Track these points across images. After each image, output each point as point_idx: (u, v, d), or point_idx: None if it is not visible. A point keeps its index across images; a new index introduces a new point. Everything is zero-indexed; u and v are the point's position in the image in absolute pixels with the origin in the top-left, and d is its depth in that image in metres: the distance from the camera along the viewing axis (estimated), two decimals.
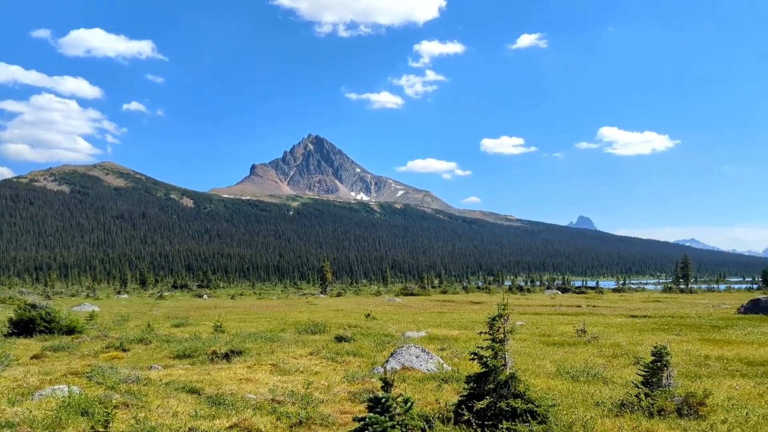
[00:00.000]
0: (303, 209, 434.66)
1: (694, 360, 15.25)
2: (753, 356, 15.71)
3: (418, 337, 20.48)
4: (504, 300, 9.20)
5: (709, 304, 44.42)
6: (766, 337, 20.04)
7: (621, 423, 8.81)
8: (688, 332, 22.21)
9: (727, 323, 25.86)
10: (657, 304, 46.39)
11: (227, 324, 25.82)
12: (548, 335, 21.66)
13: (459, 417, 8.42)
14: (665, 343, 10.60)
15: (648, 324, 26.21)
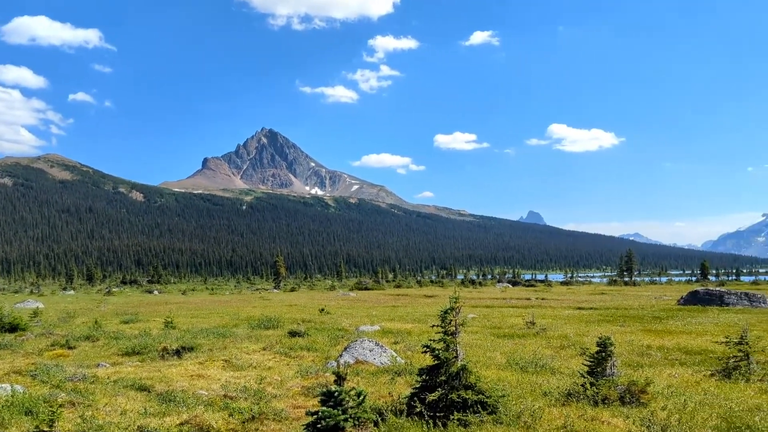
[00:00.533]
0: (256, 203, 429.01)
1: (637, 350, 15.84)
2: (691, 345, 16.44)
3: (372, 331, 20.59)
4: (456, 293, 9.38)
5: (651, 296, 46.12)
6: (704, 327, 20.98)
7: (567, 412, 9.10)
8: (631, 323, 23.03)
9: (668, 314, 26.92)
10: (603, 296, 47.87)
11: (178, 320, 25.38)
12: (499, 327, 22.11)
13: (412, 409, 8.56)
14: (609, 334, 10.97)
15: (594, 316, 27.04)
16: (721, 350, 13.61)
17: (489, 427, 8.19)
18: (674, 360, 14.30)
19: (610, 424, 8.55)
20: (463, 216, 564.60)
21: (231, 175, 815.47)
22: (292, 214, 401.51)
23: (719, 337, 13.83)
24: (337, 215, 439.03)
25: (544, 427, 8.15)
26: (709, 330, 19.90)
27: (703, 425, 8.48)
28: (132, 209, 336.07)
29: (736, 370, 11.89)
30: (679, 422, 8.23)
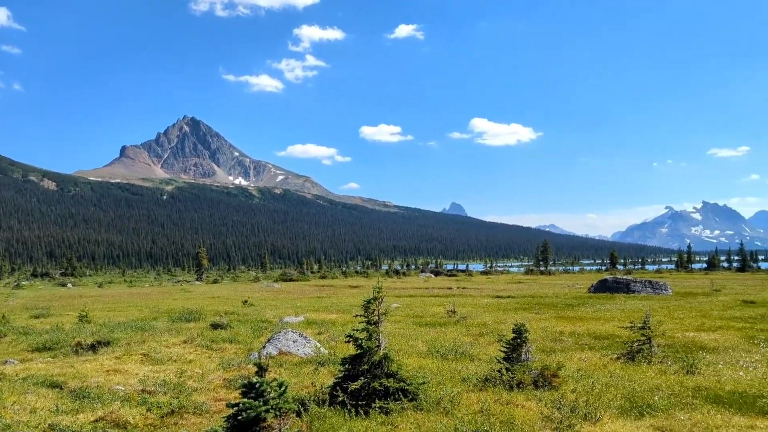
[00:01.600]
0: (178, 193, 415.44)
1: (551, 336, 16.61)
2: (600, 331, 17.40)
3: (297, 322, 20.55)
4: (379, 284, 9.53)
5: (564, 284, 48.27)
6: (611, 314, 22.23)
7: (484, 396, 9.46)
8: (546, 310, 24.07)
9: (580, 302, 28.32)
10: (520, 285, 49.66)
11: (94, 314, 24.37)
12: (421, 316, 22.57)
13: (334, 398, 8.67)
14: (524, 322, 11.46)
15: (511, 304, 28.05)
16: (626, 335, 14.47)
17: (410, 414, 8.41)
18: (584, 345, 15.10)
19: (524, 407, 8.97)
20: (388, 207, 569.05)
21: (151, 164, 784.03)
22: (216, 204, 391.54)
23: (625, 323, 14.71)
24: (261, 206, 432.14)
25: (462, 412, 8.43)
26: (616, 316, 21.11)
27: (609, 405, 9.05)
28: (44, 198, 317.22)
29: (639, 353, 12.71)
30: (587, 403, 8.73)
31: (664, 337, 15.05)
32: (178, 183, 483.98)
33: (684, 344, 14.77)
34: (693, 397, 9.54)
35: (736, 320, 19.62)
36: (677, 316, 21.14)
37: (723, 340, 15.31)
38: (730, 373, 11.34)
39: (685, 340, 15.37)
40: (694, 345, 14.65)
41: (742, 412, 8.77)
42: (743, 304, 25.64)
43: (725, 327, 17.96)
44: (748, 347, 14.31)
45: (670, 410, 8.84)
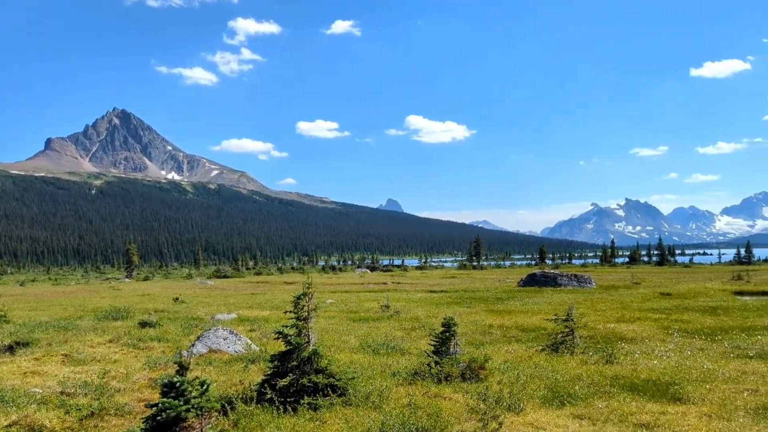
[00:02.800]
0: (107, 188, 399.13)
1: (480, 329, 17.01)
2: (527, 323, 17.96)
3: (229, 320, 20.24)
4: (309, 279, 9.50)
5: (496, 278, 49.51)
6: (539, 307, 22.98)
7: (413, 390, 9.61)
8: (477, 304, 24.62)
9: (509, 295, 29.11)
10: (453, 279, 50.56)
11: (14, 313, 23.14)
12: (355, 312, 22.65)
13: (262, 396, 8.59)
14: (454, 315, 11.70)
15: (444, 298, 28.53)
16: (551, 327, 14.98)
17: (338, 409, 8.44)
18: (512, 337, 15.55)
19: (451, 400, 9.16)
20: (326, 203, 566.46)
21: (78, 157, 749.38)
22: (147, 199, 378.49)
23: (551, 316, 15.21)
24: (195, 201, 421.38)
25: (390, 406, 8.53)
26: (543, 309, 21.83)
27: (532, 396, 9.36)
28: None
29: (562, 345, 13.19)
30: (511, 394, 9.00)
31: (586, 329, 15.67)
32: (108, 177, 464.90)
33: (605, 335, 15.44)
34: (611, 386, 9.98)
35: (653, 312, 20.67)
36: (600, 308, 22.08)
37: (641, 331, 16.11)
38: (645, 362, 11.94)
39: (606, 331, 16.08)
40: (614, 336, 15.34)
41: (656, 399, 9.24)
42: (660, 296, 27.04)
43: (643, 318, 18.89)
44: (663, 337, 15.12)
45: (590, 399, 9.22)
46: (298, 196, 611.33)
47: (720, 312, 20.23)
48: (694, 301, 24.51)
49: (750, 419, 8.00)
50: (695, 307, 21.97)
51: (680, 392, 9.49)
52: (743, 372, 10.81)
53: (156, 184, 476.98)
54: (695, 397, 9.21)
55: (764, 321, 17.70)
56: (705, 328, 16.52)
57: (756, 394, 9.27)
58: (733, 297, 27.16)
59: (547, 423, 8.05)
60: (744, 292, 30.90)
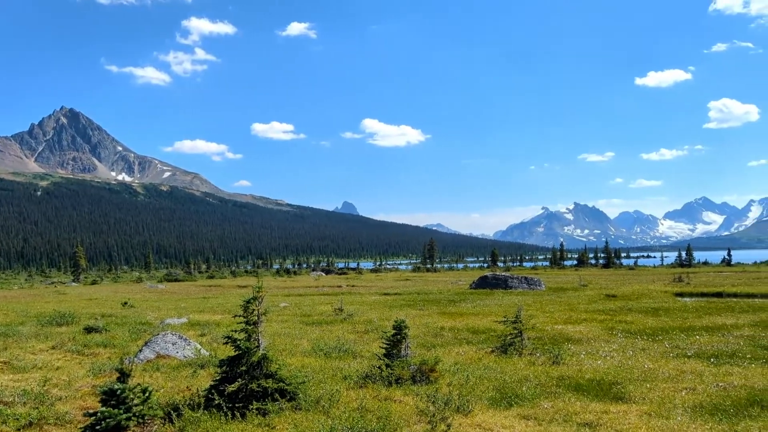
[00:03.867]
0: (54, 189, 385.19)
1: (432, 331, 17.16)
2: (477, 325, 18.22)
3: (179, 324, 19.87)
4: (259, 283, 9.42)
5: (449, 281, 50.04)
6: (489, 309, 23.34)
7: (364, 393, 9.61)
8: (429, 307, 24.84)
9: (461, 297, 29.48)
10: (407, 282, 50.85)
11: None
12: (309, 315, 22.54)
13: (210, 402, 8.45)
14: (406, 318, 11.78)
15: (398, 301, 28.67)
16: (501, 329, 15.21)
17: (288, 414, 8.38)
18: (462, 339, 15.74)
19: (401, 402, 9.21)
20: (281, 205, 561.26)
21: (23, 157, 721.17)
22: (96, 201, 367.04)
23: (501, 317, 15.48)
24: (146, 203, 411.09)
25: (340, 410, 8.52)
26: (494, 311, 22.19)
27: (481, 397, 9.49)
28: None
29: (511, 346, 13.44)
30: (460, 396, 9.11)
31: (535, 330, 16.00)
32: (55, 178, 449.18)
33: (552, 336, 15.81)
34: (557, 386, 10.21)
35: (599, 313, 21.27)
36: (548, 309, 22.57)
37: (587, 332, 16.55)
38: (590, 362, 12.27)
39: (553, 333, 16.46)
40: (562, 337, 15.72)
41: (599, 398, 9.51)
42: (606, 298, 27.84)
43: (589, 319, 19.42)
44: (608, 338, 15.57)
45: (536, 399, 9.41)
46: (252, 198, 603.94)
47: (661, 313, 20.97)
48: (638, 302, 25.34)
49: (688, 417, 8.30)
50: (638, 308, 22.71)
51: (622, 391, 9.78)
52: (682, 371, 11.23)
53: (105, 185, 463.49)
54: (636, 396, 9.52)
55: (702, 321, 18.44)
56: (647, 328, 17.10)
57: (693, 392, 9.63)
58: (674, 298, 28.19)
59: (495, 424, 8.18)
60: (684, 293, 32.13)
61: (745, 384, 9.99)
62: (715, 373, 10.95)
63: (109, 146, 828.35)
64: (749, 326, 17.20)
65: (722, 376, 10.73)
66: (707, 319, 19.08)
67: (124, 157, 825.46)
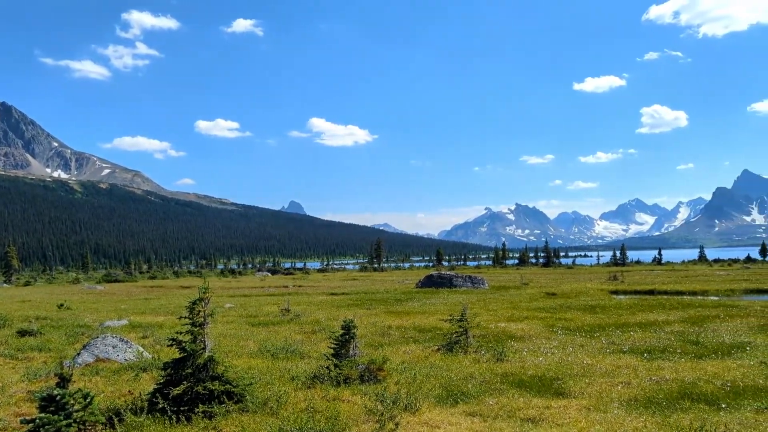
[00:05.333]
0: None
1: (380, 330, 17.27)
2: (424, 324, 18.45)
3: (119, 326, 19.33)
4: (206, 283, 9.28)
5: (395, 280, 50.41)
6: (435, 307, 23.67)
7: (312, 394, 9.61)
8: (377, 306, 24.96)
9: (408, 296, 29.76)
10: (354, 282, 50.92)
11: None
12: (255, 316, 22.30)
13: (154, 406, 8.28)
14: (354, 317, 11.82)
15: (345, 300, 28.69)
16: (447, 327, 15.46)
17: (234, 417, 8.30)
18: (409, 338, 15.91)
19: (349, 402, 9.25)
20: (225, 205, 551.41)
21: None
22: (30, 199, 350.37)
23: (446, 316, 15.71)
24: (84, 201, 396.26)
25: (288, 411, 8.49)
26: (440, 309, 22.51)
27: (428, 395, 9.64)
28: None
29: (457, 344, 13.68)
30: (408, 394, 9.23)
31: (479, 328, 16.32)
32: None
33: (496, 334, 16.17)
34: (501, 383, 10.47)
35: (540, 311, 21.89)
36: (492, 308, 23.07)
37: (528, 329, 17.02)
38: (532, 359, 12.63)
39: (497, 330, 16.84)
40: (505, 334, 16.11)
41: (541, 394, 9.80)
42: (546, 296, 28.68)
43: (531, 317, 19.97)
44: (549, 335, 16.05)
45: (481, 396, 9.63)
46: (196, 197, 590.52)
47: (598, 310, 21.76)
48: (576, 300, 26.21)
49: (624, 411, 8.66)
50: (577, 306, 23.49)
51: (563, 387, 10.12)
52: (618, 366, 11.70)
53: (40, 182, 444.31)
54: (576, 391, 9.86)
55: (636, 318, 19.24)
56: (585, 325, 17.72)
57: (629, 386, 10.06)
58: (610, 296, 29.32)
59: (441, 421, 8.33)
60: (619, 291, 33.47)
61: (676, 378, 10.50)
62: (648, 368, 11.46)
63: (43, 142, 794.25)
64: (679, 322, 18.06)
65: (655, 370, 11.23)
66: (640, 315, 19.92)
67: (60, 154, 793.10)
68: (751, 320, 18.00)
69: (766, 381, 10.08)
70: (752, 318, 18.49)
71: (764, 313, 19.55)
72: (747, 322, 17.67)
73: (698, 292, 32.26)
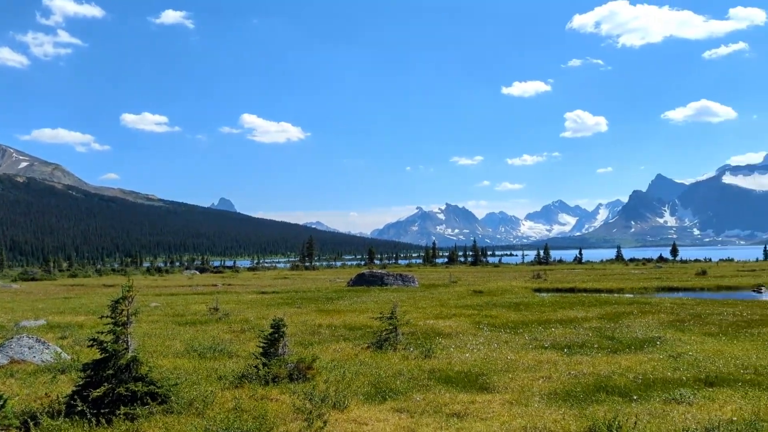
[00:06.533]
0: None
1: (310, 329, 17.26)
2: (354, 322, 18.57)
3: (36, 327, 18.51)
4: (129, 282, 9.04)
5: (327, 279, 50.37)
6: (366, 305, 23.85)
7: (240, 393, 9.51)
8: (307, 305, 24.90)
9: (339, 295, 29.83)
10: (285, 280, 50.51)
11: None
12: (182, 315, 21.81)
13: (72, 409, 8.00)
14: (284, 316, 11.76)
15: (275, 299, 28.46)
16: (377, 325, 15.61)
17: (158, 418, 8.12)
18: (340, 336, 15.99)
19: (278, 401, 9.23)
20: (152, 201, 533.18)
21: None
22: None
23: (377, 314, 15.87)
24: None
25: (215, 411, 8.39)
26: (371, 307, 22.70)
27: (357, 392, 9.74)
28: None
29: (386, 342, 13.85)
30: (336, 392, 9.30)
31: (408, 326, 16.58)
32: None
33: (425, 331, 16.49)
34: (429, 379, 10.69)
35: (467, 308, 22.46)
36: (421, 305, 23.48)
37: (456, 326, 17.44)
38: (459, 355, 12.96)
39: (426, 328, 17.17)
40: (433, 331, 16.44)
41: (467, 389, 10.08)
42: (473, 293, 29.44)
43: (458, 314, 20.46)
44: (475, 331, 16.51)
45: (409, 392, 9.81)
46: (121, 192, 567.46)
47: (522, 307, 22.54)
48: (502, 297, 27.07)
49: (544, 404, 9.04)
50: (502, 303, 24.25)
51: (487, 382, 10.45)
52: (539, 361, 12.18)
53: None
54: (500, 386, 10.21)
55: (557, 315, 20.06)
56: (510, 322, 18.33)
57: (549, 380, 10.50)
58: (533, 294, 30.44)
59: (369, 418, 8.44)
60: (542, 289, 34.80)
61: (593, 371, 11.05)
62: (567, 363, 11.99)
63: None
64: (596, 319, 18.96)
65: (574, 365, 11.77)
66: (561, 312, 20.77)
67: None
68: (662, 316, 19.12)
69: (673, 373, 10.76)
70: (663, 314, 19.64)
71: (673, 310, 20.81)
72: (658, 318, 18.76)
73: (615, 290, 33.98)
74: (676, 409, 8.52)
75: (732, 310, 20.08)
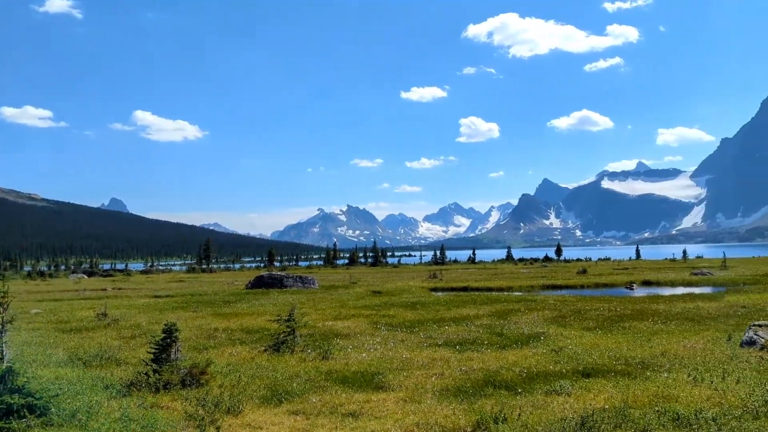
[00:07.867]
0: None
1: (205, 333, 16.84)
2: (252, 325, 18.32)
3: None
4: (4, 287, 8.51)
5: (225, 281, 49.20)
6: (265, 308, 23.57)
7: (128, 402, 9.14)
8: (203, 308, 24.24)
9: (237, 298, 29.26)
10: (181, 283, 48.82)
11: None
12: (67, 322, 20.61)
13: None
14: (178, 320, 11.47)
15: (170, 303, 27.45)
16: (275, 327, 15.50)
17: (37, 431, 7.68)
18: (236, 340, 15.73)
19: (168, 408, 8.98)
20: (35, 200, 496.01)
21: None
22: None
23: (275, 316, 15.75)
24: None
25: (100, 422, 8.03)
26: (269, 310, 22.46)
27: (252, 396, 9.66)
28: None
29: (284, 344, 13.80)
30: (231, 396, 9.18)
31: (307, 327, 16.61)
32: None
33: (323, 332, 16.57)
34: (325, 380, 10.79)
35: (366, 308, 22.78)
36: (321, 307, 23.54)
37: (354, 327, 17.66)
38: (356, 355, 13.16)
39: (324, 329, 17.26)
40: (332, 332, 16.56)
41: (363, 389, 10.27)
42: (372, 294, 29.88)
43: (357, 315, 20.71)
44: (373, 331, 16.80)
45: (305, 394, 9.86)
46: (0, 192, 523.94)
47: (419, 307, 23.17)
48: (399, 297, 27.67)
49: (436, 400, 9.38)
50: (400, 303, 24.80)
51: (383, 381, 10.69)
52: (433, 359, 12.61)
53: None
54: (395, 384, 10.48)
55: (451, 313, 20.80)
56: (406, 321, 18.80)
57: (442, 377, 10.91)
58: (429, 293, 31.36)
59: (264, 422, 8.42)
60: (438, 288, 35.93)
61: (483, 367, 11.59)
62: (459, 359, 12.50)
63: None
64: (487, 316, 19.85)
65: (465, 361, 12.29)
66: (455, 311, 21.55)
67: None
68: (546, 313, 20.32)
69: (555, 366, 11.50)
70: (547, 311, 20.87)
71: (557, 306, 22.17)
72: (542, 314, 19.92)
73: (505, 288, 35.72)
74: (556, 399, 9.12)
75: (607, 306, 21.66)
